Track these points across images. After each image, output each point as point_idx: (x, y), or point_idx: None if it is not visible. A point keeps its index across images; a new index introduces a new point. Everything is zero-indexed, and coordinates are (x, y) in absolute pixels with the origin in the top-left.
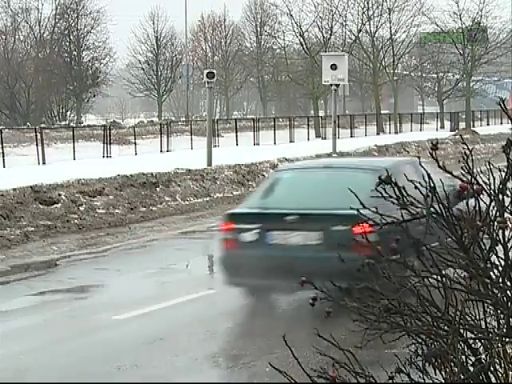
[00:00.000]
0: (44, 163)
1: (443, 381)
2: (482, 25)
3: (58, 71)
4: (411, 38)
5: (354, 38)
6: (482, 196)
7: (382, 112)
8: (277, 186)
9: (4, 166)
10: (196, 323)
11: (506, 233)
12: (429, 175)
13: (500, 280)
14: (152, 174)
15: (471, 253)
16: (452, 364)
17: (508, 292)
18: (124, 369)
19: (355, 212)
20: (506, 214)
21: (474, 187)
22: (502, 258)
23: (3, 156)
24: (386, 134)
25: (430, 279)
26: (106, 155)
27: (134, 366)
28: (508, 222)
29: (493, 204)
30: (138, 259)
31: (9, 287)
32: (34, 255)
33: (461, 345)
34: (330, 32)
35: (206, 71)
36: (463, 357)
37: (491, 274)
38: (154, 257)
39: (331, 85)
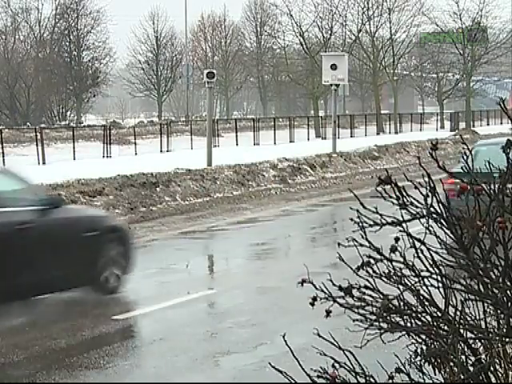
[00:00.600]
0: (44, 163)
1: (443, 381)
2: (482, 25)
3: (57, 71)
4: (411, 37)
5: (354, 38)
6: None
7: (382, 112)
8: (477, 155)
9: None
10: (196, 323)
11: (506, 233)
12: (429, 175)
13: (500, 280)
14: (152, 174)
15: (471, 253)
16: (452, 364)
17: (508, 292)
18: (124, 369)
19: None
20: (506, 214)
21: (474, 187)
22: (502, 258)
23: (3, 156)
24: (385, 134)
25: (429, 279)
26: (106, 155)
27: (134, 366)
28: (508, 222)
29: (493, 204)
30: (138, 259)
31: None
32: None
33: (461, 345)
34: (330, 32)
35: (206, 71)
36: (463, 357)
37: (491, 273)
38: (154, 257)
39: (331, 85)
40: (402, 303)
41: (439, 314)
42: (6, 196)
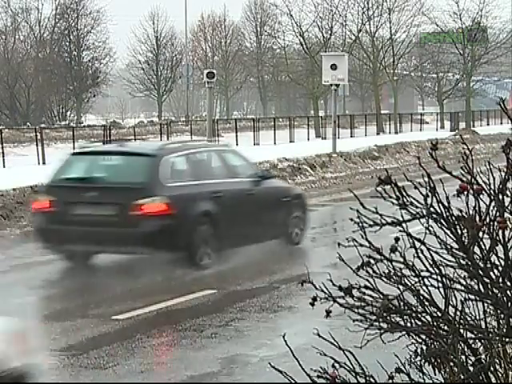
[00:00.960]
0: (44, 163)
1: (443, 381)
2: (482, 25)
3: (57, 71)
4: (411, 37)
5: (354, 37)
6: (481, 196)
7: (382, 112)
8: None
9: (4, 166)
10: (196, 323)
11: (506, 233)
12: (428, 175)
13: (500, 280)
14: None
15: (471, 253)
16: (452, 364)
17: (508, 292)
18: (124, 369)
19: None
20: (506, 214)
21: (474, 187)
22: (502, 258)
23: (3, 156)
24: (386, 134)
25: (429, 279)
26: None
27: (134, 366)
28: (508, 222)
29: (493, 204)
30: (138, 259)
31: (9, 287)
32: (34, 255)
33: (461, 345)
34: (330, 32)
35: (206, 71)
36: (463, 357)
37: (491, 273)
38: (154, 256)
39: (331, 85)
40: (401, 303)
41: (439, 314)
42: (239, 170)
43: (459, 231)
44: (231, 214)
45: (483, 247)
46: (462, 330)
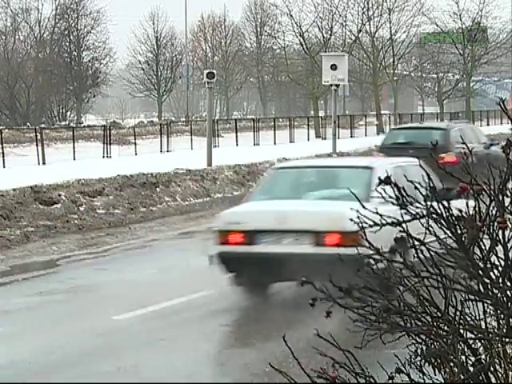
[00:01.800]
0: (44, 163)
1: (443, 381)
2: (481, 25)
3: (57, 71)
4: (411, 38)
5: (354, 38)
6: (481, 196)
7: (382, 112)
8: None
9: (4, 166)
10: (196, 323)
11: (506, 233)
12: (428, 175)
13: (500, 280)
14: (152, 174)
15: (471, 253)
16: (452, 364)
17: (508, 292)
18: (124, 369)
19: None
20: (506, 215)
21: (474, 187)
22: (501, 258)
23: (3, 156)
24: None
25: (429, 279)
26: (105, 155)
27: (133, 366)
28: (508, 222)
29: (493, 204)
30: (137, 259)
31: (9, 287)
32: (34, 255)
33: (461, 345)
34: (330, 32)
35: (206, 71)
36: (463, 357)
37: (491, 274)
38: (154, 257)
39: (331, 85)
40: (401, 304)
41: (439, 315)
42: (481, 138)
43: (459, 231)
44: (482, 164)
45: (483, 247)
46: (462, 330)
